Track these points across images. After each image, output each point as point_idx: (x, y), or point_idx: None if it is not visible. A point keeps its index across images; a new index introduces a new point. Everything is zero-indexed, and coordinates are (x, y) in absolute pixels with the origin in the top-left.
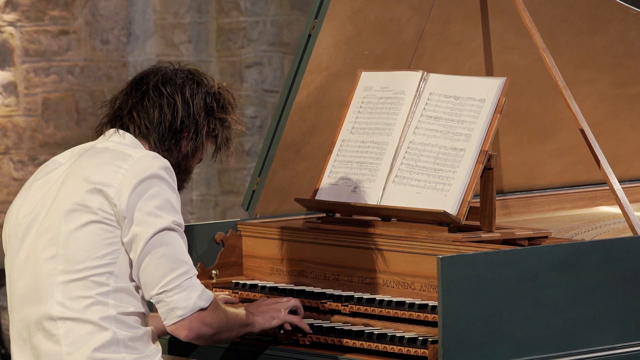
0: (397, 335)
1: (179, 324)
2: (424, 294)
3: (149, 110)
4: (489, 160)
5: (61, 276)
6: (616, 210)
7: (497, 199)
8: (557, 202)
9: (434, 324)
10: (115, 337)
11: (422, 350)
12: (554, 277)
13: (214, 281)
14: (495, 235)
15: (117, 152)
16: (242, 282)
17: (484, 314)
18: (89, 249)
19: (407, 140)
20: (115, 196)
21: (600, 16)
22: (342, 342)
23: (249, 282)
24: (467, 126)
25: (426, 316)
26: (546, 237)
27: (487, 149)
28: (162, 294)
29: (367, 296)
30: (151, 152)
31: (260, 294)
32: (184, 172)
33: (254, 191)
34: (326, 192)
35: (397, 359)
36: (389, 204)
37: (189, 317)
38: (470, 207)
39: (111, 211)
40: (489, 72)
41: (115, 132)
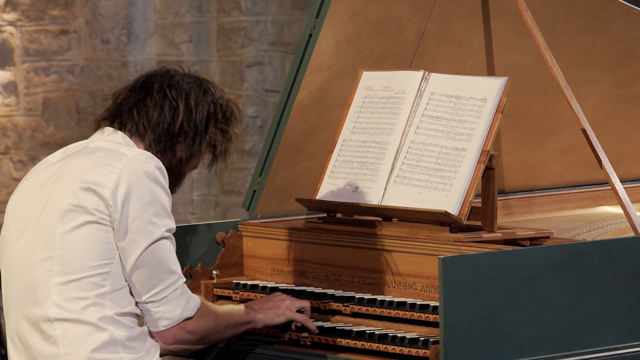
0: (399, 335)
1: (162, 332)
2: (425, 294)
3: (150, 110)
4: (490, 160)
5: (58, 277)
6: (618, 210)
7: (498, 199)
8: (558, 202)
9: (435, 325)
10: (112, 338)
11: (423, 350)
12: (556, 278)
13: (215, 281)
14: (496, 235)
15: (110, 152)
16: (242, 282)
17: (485, 314)
18: (86, 250)
19: (409, 140)
20: (109, 197)
21: (601, 16)
22: (343, 342)
23: (249, 283)
24: (469, 126)
25: (427, 316)
26: (548, 237)
27: (488, 149)
28: (149, 303)
29: (368, 296)
30: (145, 152)
31: (261, 295)
32: (176, 177)
33: (254, 191)
34: (327, 192)
35: None
36: (390, 204)
37: (172, 327)
38: (471, 207)
39: (106, 211)
40: (490, 72)
41: (113, 131)
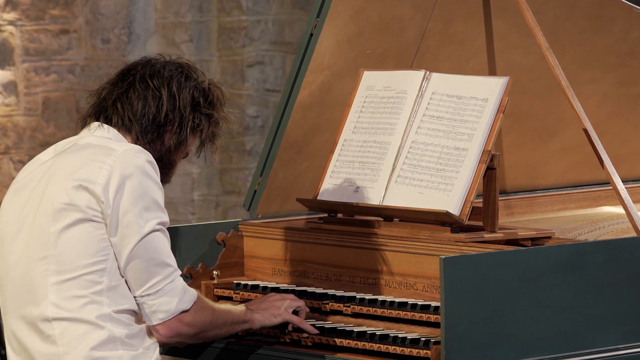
0: (400, 336)
1: (159, 325)
2: (426, 294)
3: (134, 102)
4: (491, 160)
5: (54, 277)
6: (619, 210)
7: (500, 199)
8: (560, 202)
9: (436, 325)
10: (111, 335)
11: (424, 351)
12: (557, 278)
13: (215, 282)
14: (498, 235)
15: (100, 148)
16: (243, 282)
17: (486, 315)
18: (81, 248)
19: (410, 139)
20: (101, 193)
21: (603, 15)
22: (344, 342)
23: (250, 283)
24: (470, 126)
25: (429, 317)
26: (549, 237)
27: (489, 149)
28: (144, 297)
29: (369, 297)
30: (135, 146)
31: (261, 295)
32: (167, 166)
33: (255, 191)
34: (328, 192)
35: None
36: (391, 204)
37: (169, 320)
38: (473, 207)
39: (98, 208)
40: (492, 72)
41: (99, 126)
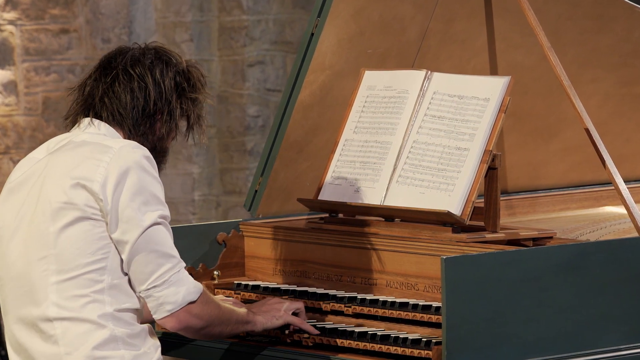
0: (401, 336)
1: (168, 317)
2: (427, 294)
3: (121, 95)
4: (493, 160)
5: (54, 276)
6: (621, 210)
7: (501, 199)
8: (562, 202)
9: (437, 325)
10: (113, 335)
11: (425, 351)
12: (559, 278)
13: (216, 282)
14: (499, 235)
15: (96, 145)
16: (244, 282)
17: (488, 315)
18: (80, 246)
19: (411, 139)
20: (99, 191)
21: (605, 15)
22: (345, 343)
23: (251, 283)
24: (471, 125)
25: (430, 317)
26: (551, 237)
27: (491, 149)
28: (151, 289)
29: (370, 297)
30: (131, 142)
31: (262, 295)
32: (160, 154)
33: (256, 191)
34: (329, 192)
35: None
36: (393, 204)
37: (177, 311)
38: (474, 207)
39: (97, 206)
40: (493, 71)
41: (89, 123)
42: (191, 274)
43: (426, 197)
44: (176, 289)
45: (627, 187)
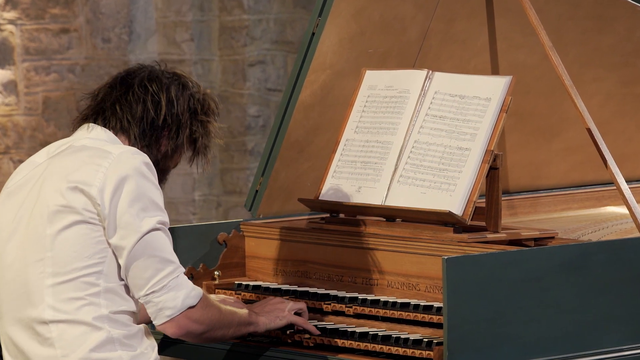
0: (402, 336)
1: (168, 323)
2: (429, 295)
3: (132, 104)
4: (494, 159)
5: (50, 279)
6: (623, 210)
7: (503, 199)
8: (563, 202)
9: (439, 326)
10: (110, 336)
11: (427, 352)
12: (561, 278)
13: (217, 282)
14: (501, 235)
15: (96, 150)
16: (244, 283)
17: (489, 316)
18: (77, 250)
19: (412, 139)
20: (97, 196)
21: (607, 14)
22: (346, 343)
23: (251, 283)
24: (473, 125)
25: (431, 317)
26: (553, 237)
27: (492, 149)
28: (150, 294)
29: (371, 297)
30: (131, 148)
31: (263, 295)
32: (162, 172)
33: (257, 191)
34: (330, 192)
35: None
36: (394, 204)
37: (177, 317)
38: (475, 207)
39: (94, 210)
40: (495, 71)
41: (94, 127)
42: (192, 274)
43: (427, 197)
44: (175, 294)
45: (629, 187)
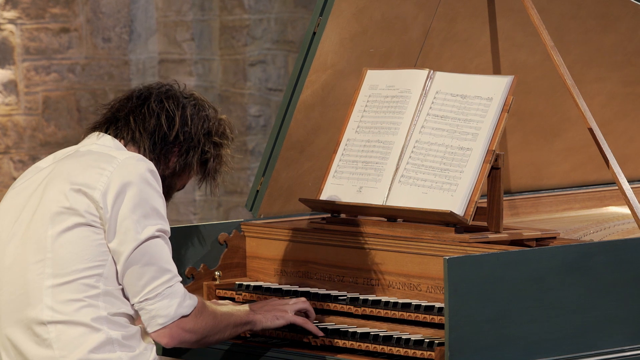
0: (403, 337)
1: (160, 331)
2: (430, 295)
3: (146, 117)
4: (496, 159)
5: (50, 280)
6: (625, 210)
7: (504, 199)
8: (565, 202)
9: (440, 326)
10: (109, 337)
11: (428, 352)
12: (562, 279)
13: (217, 282)
14: (502, 236)
15: (101, 155)
16: (245, 283)
17: (491, 316)
18: (78, 252)
19: (413, 139)
20: (100, 199)
21: (609, 14)
22: (347, 344)
23: (252, 284)
24: (474, 125)
25: (432, 318)
26: (554, 237)
27: (494, 149)
28: (143, 302)
29: (372, 298)
30: (136, 154)
31: (264, 296)
32: (167, 189)
33: (257, 191)
34: (331, 192)
35: None
36: (395, 204)
37: (169, 325)
38: (477, 207)
39: (97, 213)
40: (496, 71)
41: (103, 135)
42: (192, 275)
43: (429, 197)
44: (169, 302)
45: (631, 187)
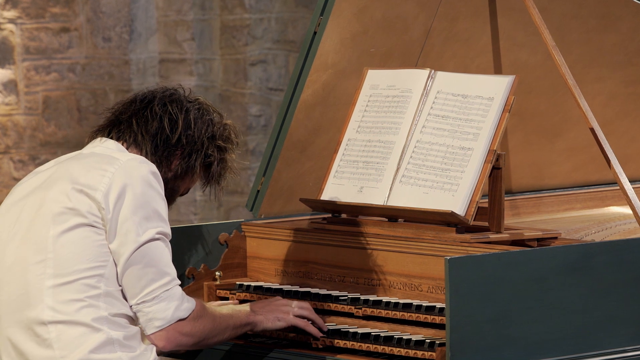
0: (404, 337)
1: (157, 334)
2: (431, 295)
3: (149, 120)
4: (497, 159)
5: (51, 280)
6: (627, 210)
7: (505, 199)
8: (566, 202)
9: (441, 327)
10: (109, 337)
11: (429, 353)
12: (564, 279)
13: (218, 283)
14: (503, 236)
15: (103, 156)
16: (246, 283)
17: (492, 316)
18: (79, 252)
19: (414, 139)
20: (102, 200)
21: (610, 13)
22: (348, 344)
23: (253, 284)
24: (475, 125)
25: (433, 318)
26: (556, 238)
27: (495, 149)
28: (141, 304)
29: (373, 298)
30: (138, 156)
31: (264, 296)
32: (170, 192)
33: (258, 191)
34: (332, 192)
35: None
36: (396, 204)
37: (166, 328)
38: (478, 207)
39: (99, 214)
40: (498, 70)
41: (107, 140)
42: (193, 275)
43: (430, 197)
44: (166, 305)
45: (633, 187)
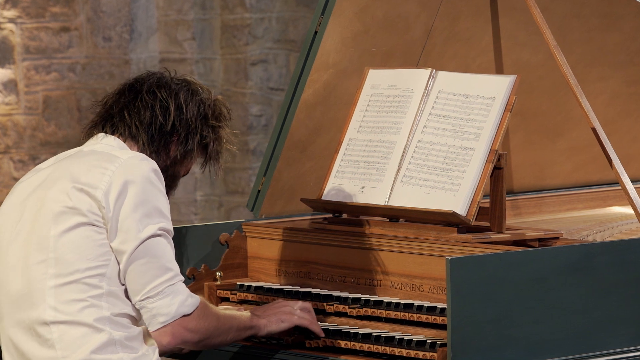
0: (405, 338)
1: (162, 330)
2: (432, 296)
3: (141, 110)
4: (498, 159)
5: (52, 280)
6: (628, 210)
7: (507, 199)
8: (568, 202)
9: (442, 327)
10: (111, 338)
11: (430, 353)
12: (565, 279)
13: (218, 283)
14: (505, 236)
15: (103, 154)
16: (246, 283)
17: (493, 317)
18: (81, 252)
19: (416, 139)
20: (102, 198)
21: (612, 13)
22: (349, 345)
23: (253, 284)
24: (477, 125)
25: (435, 319)
26: (557, 238)
27: (497, 148)
28: (144, 300)
29: (374, 298)
30: (139, 154)
31: (265, 296)
32: (171, 178)
33: (259, 191)
34: (333, 192)
35: None
36: (397, 204)
37: (171, 324)
38: (479, 207)
39: (99, 213)
40: (499, 70)
41: (104, 136)
42: (193, 275)
43: (431, 197)
44: (170, 301)
45: (635, 187)
